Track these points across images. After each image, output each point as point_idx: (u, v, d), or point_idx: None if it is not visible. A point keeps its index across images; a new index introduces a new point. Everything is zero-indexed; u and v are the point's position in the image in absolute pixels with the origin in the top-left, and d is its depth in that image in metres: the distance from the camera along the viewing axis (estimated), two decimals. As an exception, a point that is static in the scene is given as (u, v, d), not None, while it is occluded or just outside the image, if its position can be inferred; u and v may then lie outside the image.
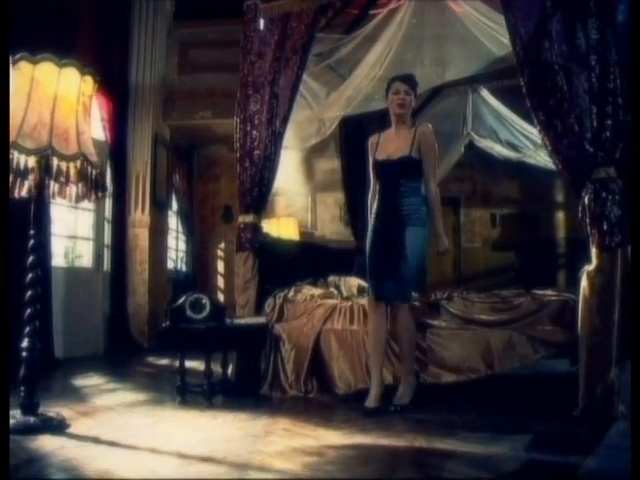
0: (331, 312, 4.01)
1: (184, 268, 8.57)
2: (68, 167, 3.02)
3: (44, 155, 2.97)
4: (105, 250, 6.44)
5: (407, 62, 4.13)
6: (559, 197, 8.78)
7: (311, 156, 8.15)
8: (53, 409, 3.25)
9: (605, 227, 3.32)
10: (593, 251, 3.38)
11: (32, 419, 2.99)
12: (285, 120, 4.13)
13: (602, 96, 3.36)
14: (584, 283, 3.37)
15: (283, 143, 4.24)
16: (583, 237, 3.47)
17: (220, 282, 8.62)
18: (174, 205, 8.31)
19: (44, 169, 2.97)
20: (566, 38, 3.47)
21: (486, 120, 5.53)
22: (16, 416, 2.98)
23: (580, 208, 3.44)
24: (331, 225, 8.63)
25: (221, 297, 8.20)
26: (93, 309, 6.01)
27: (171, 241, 8.36)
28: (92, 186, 3.11)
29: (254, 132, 4.12)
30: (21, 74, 3.00)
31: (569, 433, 2.98)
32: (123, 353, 6.03)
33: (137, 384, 4.44)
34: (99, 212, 6.27)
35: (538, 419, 3.23)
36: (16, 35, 4.78)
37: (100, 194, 3.22)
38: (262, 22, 4.22)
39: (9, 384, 2.83)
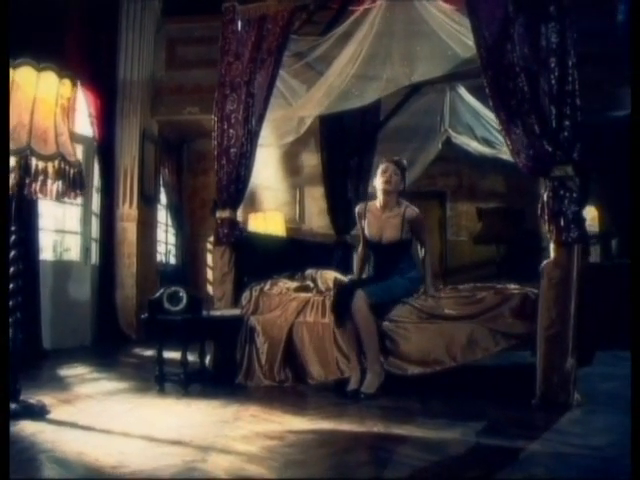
0: (304, 305, 4.16)
1: (174, 261, 8.72)
2: (46, 166, 3.17)
3: (23, 155, 3.11)
4: (93, 244, 6.59)
5: (377, 62, 4.28)
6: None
7: (298, 150, 8.29)
8: (36, 397, 3.42)
9: (562, 223, 3.48)
10: (551, 246, 3.54)
11: (13, 405, 3.14)
12: (261, 119, 4.28)
13: (561, 97, 3.50)
14: (543, 277, 3.54)
15: (259, 141, 4.37)
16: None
17: (209, 274, 8.75)
18: (163, 199, 8.46)
19: (23, 168, 3.11)
20: (527, 41, 3.60)
21: (463, 117, 5.66)
22: (-2, 402, 3.14)
23: (539, 205, 3.59)
24: (318, 218, 8.76)
25: (210, 289, 8.36)
26: (81, 301, 6.16)
27: (161, 234, 8.51)
28: (70, 184, 3.26)
29: (231, 130, 4.27)
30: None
31: (522, 420, 3.14)
32: (111, 344, 6.19)
33: (120, 374, 4.60)
34: (87, 206, 6.42)
35: (496, 407, 3.40)
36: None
37: (79, 192, 3.36)
38: (240, 24, 4.35)
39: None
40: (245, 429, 2.94)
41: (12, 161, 3.16)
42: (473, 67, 3.83)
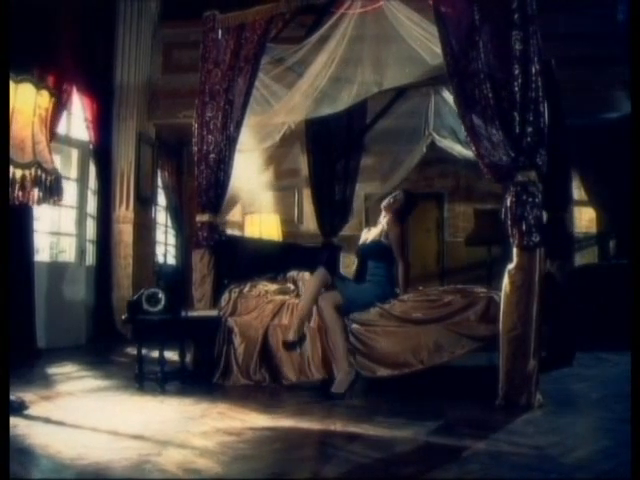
0: (279, 308, 4.28)
1: (173, 261, 8.89)
2: (24, 174, 3.31)
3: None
4: (90, 245, 6.77)
5: (349, 70, 4.40)
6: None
7: (296, 151, 8.40)
8: (19, 393, 3.58)
9: (524, 228, 3.57)
10: (514, 250, 3.63)
11: (-9, 402, 3.30)
12: (238, 126, 4.41)
13: (524, 104, 3.59)
14: (505, 280, 3.62)
15: (238, 147, 4.50)
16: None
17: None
18: (163, 200, 8.63)
19: (-1, 176, 3.26)
20: (492, 49, 3.68)
21: (447, 120, 5.74)
22: (-23, 399, 3.30)
23: (502, 210, 3.68)
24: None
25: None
26: (76, 302, 6.33)
27: (160, 235, 8.69)
28: (47, 191, 3.40)
29: (210, 137, 4.40)
30: (-20, 89, 3.29)
31: (479, 420, 3.23)
32: (106, 344, 6.36)
33: (106, 372, 4.75)
34: (82, 209, 6.61)
35: (458, 407, 3.51)
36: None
37: (57, 198, 3.51)
38: (219, 32, 4.48)
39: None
40: (208, 425, 3.06)
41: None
42: (436, 75, 3.91)
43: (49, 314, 5.88)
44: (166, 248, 8.79)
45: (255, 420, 3.20)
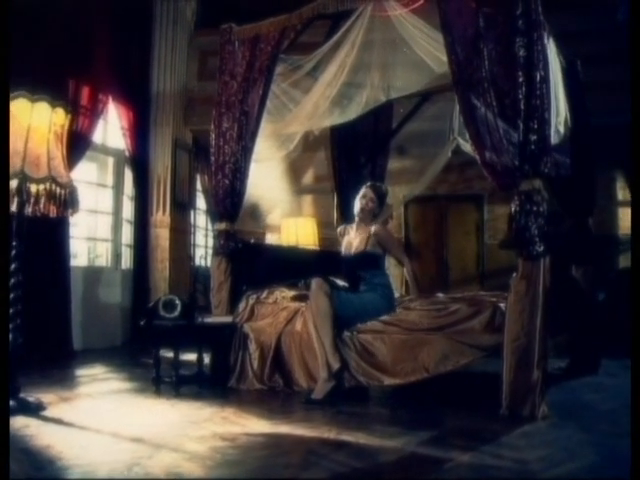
0: (293, 315, 4.36)
1: (212, 264, 9.09)
2: (38, 189, 3.51)
3: (18, 179, 3.47)
4: (127, 249, 7.03)
5: (357, 81, 4.44)
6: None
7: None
8: (40, 394, 3.80)
9: (528, 237, 3.53)
10: (518, 260, 3.60)
11: (11, 402, 3.49)
12: (253, 136, 4.51)
13: (528, 112, 3.55)
14: (511, 290, 3.60)
15: (254, 156, 4.61)
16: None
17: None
18: (203, 204, 8.86)
19: (17, 191, 3.47)
20: (497, 56, 3.67)
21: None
22: (-2, 399, 3.52)
23: (508, 219, 3.66)
24: (354, 222, 8.91)
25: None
26: (111, 304, 6.60)
27: (200, 239, 8.93)
28: (61, 204, 3.59)
29: (226, 147, 4.52)
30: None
31: (474, 431, 3.21)
32: (140, 345, 6.58)
33: (130, 374, 4.94)
34: (117, 215, 6.87)
35: (458, 417, 3.51)
36: (36, 46, 5.37)
37: (72, 210, 3.70)
38: (236, 44, 4.59)
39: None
40: (207, 430, 3.17)
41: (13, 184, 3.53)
42: (443, 83, 3.91)
43: (85, 317, 6.15)
44: (206, 251, 9.00)
45: (254, 426, 3.30)
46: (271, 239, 8.62)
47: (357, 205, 4.39)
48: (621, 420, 3.33)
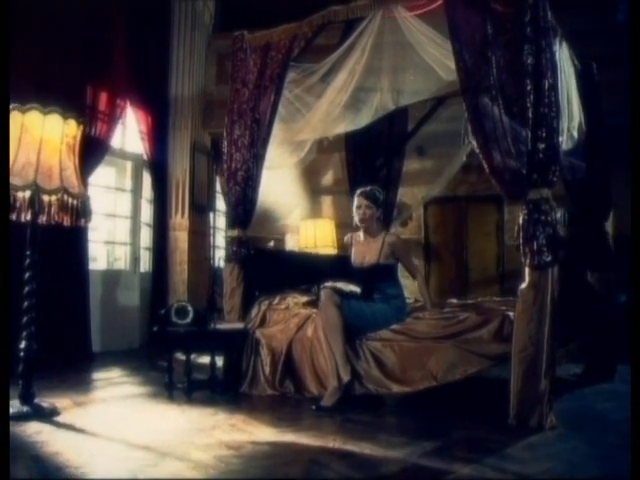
0: (304, 321, 4.39)
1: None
2: (51, 200, 3.59)
3: (31, 190, 3.55)
4: (146, 253, 7.13)
5: (367, 87, 4.44)
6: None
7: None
8: (56, 399, 3.90)
9: (535, 247, 3.51)
10: (526, 269, 3.57)
11: (25, 408, 3.59)
12: (264, 143, 4.54)
13: (536, 120, 3.52)
14: (518, 300, 3.58)
15: (266, 163, 4.64)
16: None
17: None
18: (222, 206, 8.92)
19: (29, 202, 3.55)
20: (505, 64, 3.64)
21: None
22: (14, 405, 3.60)
23: (516, 228, 3.64)
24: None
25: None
26: (129, 307, 6.70)
27: (220, 240, 8.99)
28: (73, 214, 3.67)
29: (238, 154, 4.56)
30: (13, 121, 3.57)
31: (480, 442, 3.20)
32: (158, 348, 6.66)
33: (146, 378, 5.01)
34: (135, 218, 6.96)
35: (466, 426, 3.49)
36: (54, 53, 5.46)
37: (84, 220, 3.77)
38: (248, 52, 4.63)
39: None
40: (214, 438, 3.22)
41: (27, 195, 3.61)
42: (451, 90, 3.90)
43: (104, 319, 6.26)
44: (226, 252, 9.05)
45: (261, 434, 3.33)
46: (291, 240, 8.67)
47: (355, 217, 4.37)
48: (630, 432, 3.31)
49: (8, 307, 3.51)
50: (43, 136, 3.60)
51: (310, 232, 8.06)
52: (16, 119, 3.58)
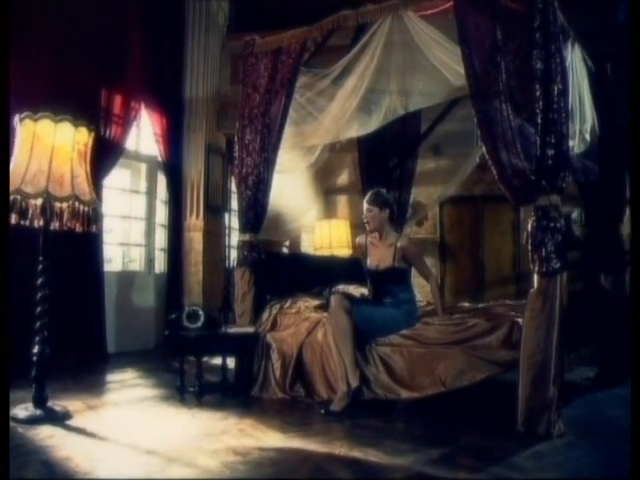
0: (315, 326, 4.40)
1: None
2: (62, 207, 3.64)
3: (42, 198, 3.60)
4: (161, 253, 7.20)
5: (377, 91, 4.43)
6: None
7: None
8: (67, 401, 3.97)
9: (544, 254, 3.49)
10: (534, 276, 3.56)
11: (38, 411, 3.65)
12: (275, 148, 4.56)
13: (545, 126, 3.50)
14: (527, 306, 3.56)
15: (276, 167, 4.66)
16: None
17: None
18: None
19: (41, 209, 3.60)
20: (514, 69, 3.62)
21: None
22: (28, 408, 3.67)
23: (524, 234, 3.62)
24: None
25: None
26: (144, 308, 6.77)
27: (235, 240, 9.02)
28: (84, 221, 3.72)
29: (249, 159, 4.59)
30: (25, 130, 3.64)
31: (486, 450, 3.19)
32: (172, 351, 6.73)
33: (159, 380, 5.06)
34: (150, 220, 7.03)
35: (474, 432, 3.49)
36: (68, 58, 5.52)
37: (95, 227, 3.82)
38: (259, 56, 4.64)
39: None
40: (222, 443, 3.24)
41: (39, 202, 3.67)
42: (461, 95, 3.88)
43: (119, 320, 6.33)
44: (241, 252, 9.10)
45: (269, 439, 3.36)
46: (306, 240, 8.69)
47: (367, 225, 4.42)
48: (640, 440, 3.28)
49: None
50: (55, 144, 3.65)
51: (325, 232, 8.08)
52: (28, 128, 3.64)
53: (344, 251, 7.76)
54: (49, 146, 3.64)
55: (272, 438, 3.39)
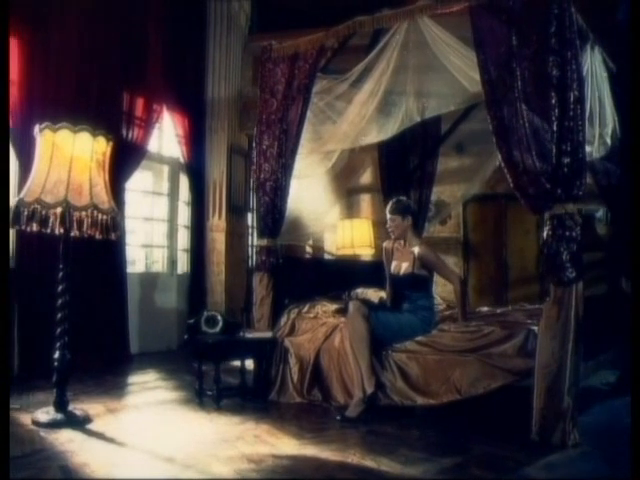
0: (332, 331, 4.43)
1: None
2: (81, 215, 3.71)
3: (62, 207, 3.68)
4: (184, 254, 7.29)
5: (395, 93, 4.42)
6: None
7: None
8: (88, 404, 4.07)
9: (559, 263, 3.46)
10: (550, 285, 3.53)
11: (59, 416, 3.74)
12: (293, 154, 4.58)
13: (561, 134, 3.46)
14: (542, 315, 3.54)
15: (294, 172, 4.68)
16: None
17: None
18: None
19: (60, 218, 3.68)
20: (529, 76, 3.59)
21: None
22: (49, 412, 3.76)
23: (540, 243, 3.59)
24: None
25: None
26: (167, 309, 6.87)
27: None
28: (103, 229, 3.78)
29: (266, 165, 4.62)
30: (45, 140, 3.71)
31: (499, 460, 3.17)
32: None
33: (180, 382, 5.12)
34: (172, 221, 7.12)
35: (487, 442, 3.47)
36: (90, 62, 5.60)
37: (113, 234, 3.89)
38: (276, 62, 4.66)
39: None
40: (237, 450, 3.29)
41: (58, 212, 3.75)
42: (476, 102, 3.85)
43: (142, 321, 6.44)
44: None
45: (283, 446, 3.39)
46: (329, 240, 8.70)
47: (391, 234, 4.48)
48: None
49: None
50: (73, 154, 3.71)
51: (347, 232, 8.08)
52: (48, 138, 3.71)
53: (366, 251, 7.77)
54: (68, 156, 3.71)
55: (287, 445, 3.42)
